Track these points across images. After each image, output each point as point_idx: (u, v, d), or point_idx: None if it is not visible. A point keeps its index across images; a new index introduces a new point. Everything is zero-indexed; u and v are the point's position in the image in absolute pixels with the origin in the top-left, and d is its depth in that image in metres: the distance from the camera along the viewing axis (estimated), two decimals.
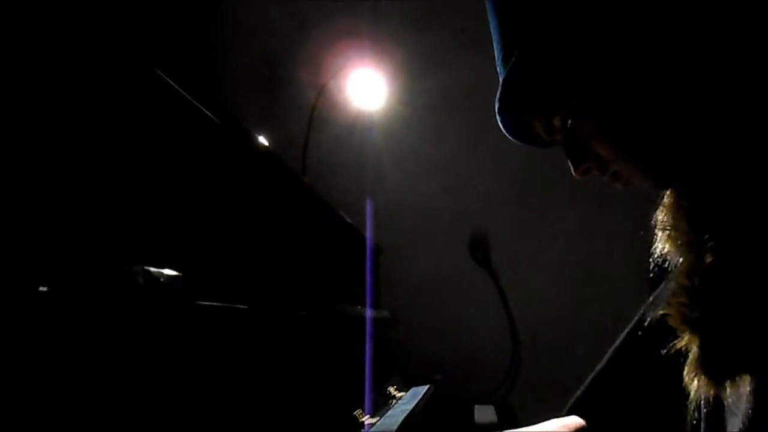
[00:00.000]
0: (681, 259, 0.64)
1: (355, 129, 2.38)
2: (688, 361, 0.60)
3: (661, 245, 0.67)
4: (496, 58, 0.73)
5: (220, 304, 0.76)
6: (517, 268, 2.30)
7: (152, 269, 0.61)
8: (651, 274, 0.70)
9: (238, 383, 0.82)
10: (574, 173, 0.72)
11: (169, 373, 0.66)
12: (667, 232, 0.65)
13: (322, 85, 2.34)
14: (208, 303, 0.73)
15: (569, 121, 0.67)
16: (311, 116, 2.31)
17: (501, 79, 0.72)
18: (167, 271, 0.63)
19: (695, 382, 0.59)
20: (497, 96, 0.72)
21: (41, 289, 0.46)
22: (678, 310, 0.61)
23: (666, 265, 0.68)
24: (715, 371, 0.58)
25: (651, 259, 0.69)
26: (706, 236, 0.58)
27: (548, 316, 2.26)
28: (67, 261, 0.51)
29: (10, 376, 0.46)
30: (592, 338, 2.22)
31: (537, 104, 0.70)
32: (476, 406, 1.87)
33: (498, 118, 0.75)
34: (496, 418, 1.72)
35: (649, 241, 0.69)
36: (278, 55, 2.43)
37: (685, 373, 0.60)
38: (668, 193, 0.68)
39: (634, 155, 0.65)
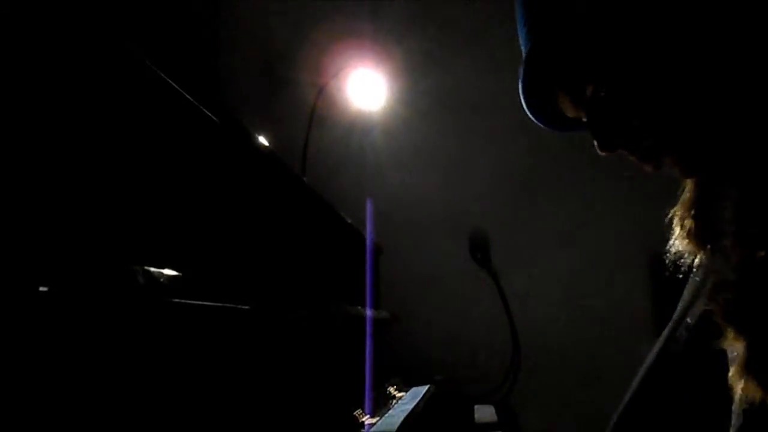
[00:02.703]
0: (706, 255, 0.61)
1: (355, 129, 2.38)
2: (734, 360, 0.56)
3: (679, 241, 0.64)
4: (519, 29, 0.68)
5: (220, 304, 0.76)
6: (517, 268, 2.30)
7: (152, 269, 0.61)
8: (667, 273, 0.67)
9: (238, 383, 0.82)
10: (598, 149, 0.66)
11: (170, 374, 0.66)
12: (685, 226, 0.62)
13: (322, 85, 2.34)
14: (208, 303, 0.73)
15: (602, 91, 0.61)
16: (311, 116, 2.31)
17: (526, 50, 0.66)
18: (167, 271, 0.63)
19: (741, 383, 0.55)
20: (523, 63, 0.66)
21: (41, 289, 0.46)
22: (723, 306, 0.57)
23: (681, 262, 0.64)
24: (764, 374, 0.53)
25: (667, 255, 0.65)
26: (754, 229, 0.54)
27: (548, 316, 2.26)
28: (67, 261, 0.51)
29: (11, 376, 0.46)
30: (593, 338, 2.23)
31: (570, 70, 0.64)
32: (476, 406, 1.87)
33: (521, 90, 0.69)
34: (496, 418, 1.72)
35: (663, 237, 0.66)
36: (278, 55, 2.43)
37: (730, 374, 0.56)
38: (690, 184, 0.64)
39: (667, 131, 0.60)
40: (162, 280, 0.62)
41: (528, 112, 0.72)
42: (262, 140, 1.02)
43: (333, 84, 2.34)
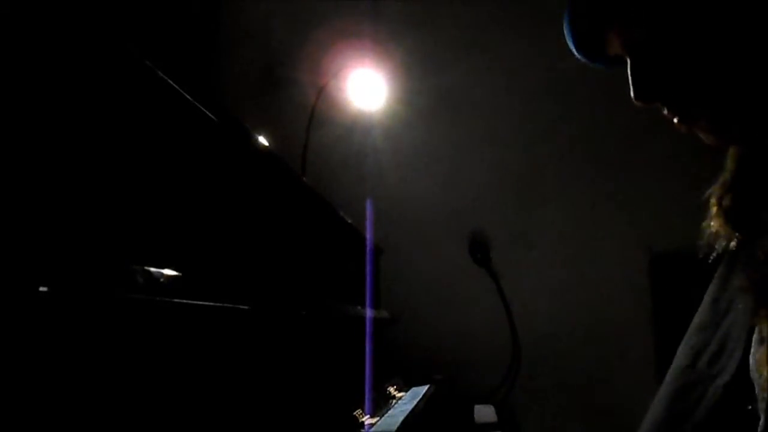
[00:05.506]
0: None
1: (355, 129, 2.38)
2: (762, 341, 0.54)
3: (715, 221, 0.61)
4: None
5: (220, 304, 0.76)
6: (517, 268, 2.31)
7: (152, 269, 0.61)
8: (701, 256, 0.64)
9: (238, 383, 0.82)
10: (633, 98, 0.64)
11: (170, 374, 0.66)
12: (723, 205, 0.60)
13: (322, 85, 2.34)
14: (208, 303, 0.73)
15: (650, 36, 0.60)
16: (311, 116, 2.31)
17: None
18: (167, 271, 0.63)
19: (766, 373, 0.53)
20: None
21: (41, 289, 0.46)
22: (759, 288, 0.55)
23: (716, 245, 0.62)
24: None
25: (702, 239, 0.63)
26: None
27: (548, 316, 2.26)
28: (67, 261, 0.51)
29: (10, 376, 0.46)
30: (592, 338, 2.23)
31: (622, 10, 0.62)
32: (476, 406, 1.88)
33: (566, 20, 0.67)
34: (496, 418, 1.72)
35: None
36: (278, 55, 2.43)
37: (757, 356, 0.54)
38: (729, 164, 0.62)
39: (708, 91, 0.58)
40: (162, 280, 0.62)
41: (569, 42, 0.69)
42: (262, 140, 1.02)
43: (333, 84, 2.34)
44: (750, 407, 0.55)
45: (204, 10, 2.43)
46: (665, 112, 0.63)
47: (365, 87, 2.31)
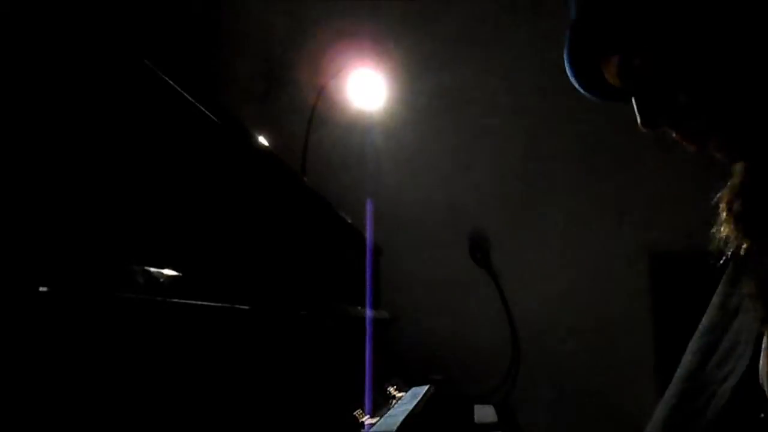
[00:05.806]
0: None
1: (355, 129, 2.38)
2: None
3: (724, 226, 0.61)
4: None
5: (220, 304, 0.76)
6: (517, 268, 2.31)
7: (152, 269, 0.61)
8: (712, 261, 0.64)
9: (238, 383, 0.82)
10: (640, 125, 0.63)
11: (170, 374, 0.66)
12: (733, 210, 0.60)
13: (322, 85, 2.34)
14: (208, 303, 0.73)
15: (650, 63, 0.60)
16: (311, 116, 2.31)
17: (574, 13, 0.65)
18: (167, 271, 0.63)
19: None
20: (571, 26, 0.65)
21: (41, 289, 0.46)
22: (764, 294, 0.55)
23: (725, 249, 0.62)
24: None
25: (713, 244, 0.63)
26: None
27: (548, 316, 2.26)
28: (67, 261, 0.51)
29: (11, 376, 0.46)
30: (592, 338, 2.23)
31: (620, 38, 0.62)
32: (476, 406, 1.88)
33: (566, 53, 0.67)
34: (496, 418, 1.72)
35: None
36: (278, 55, 2.43)
37: (761, 364, 0.55)
38: (739, 168, 0.61)
39: (716, 109, 0.58)
40: (162, 280, 0.62)
41: (571, 78, 0.69)
42: (262, 140, 1.02)
43: (333, 84, 2.34)
44: (763, 415, 0.55)
45: (204, 10, 2.43)
46: (674, 135, 0.62)
47: (365, 87, 2.31)
